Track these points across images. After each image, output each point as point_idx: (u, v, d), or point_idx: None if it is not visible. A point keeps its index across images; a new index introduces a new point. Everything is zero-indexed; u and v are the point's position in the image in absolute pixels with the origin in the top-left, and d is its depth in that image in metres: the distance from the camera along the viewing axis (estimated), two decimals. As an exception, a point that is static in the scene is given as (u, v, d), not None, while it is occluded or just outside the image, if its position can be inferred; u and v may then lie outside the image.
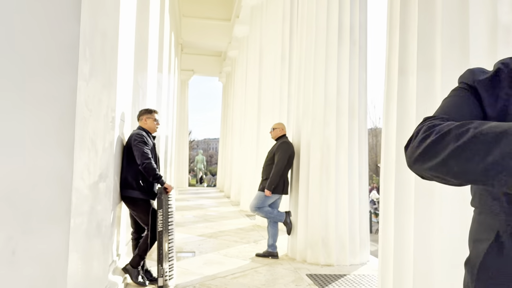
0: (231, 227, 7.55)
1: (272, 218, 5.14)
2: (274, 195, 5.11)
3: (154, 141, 4.02)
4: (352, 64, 5.07)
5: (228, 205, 11.84)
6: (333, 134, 4.93)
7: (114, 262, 3.60)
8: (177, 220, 8.38)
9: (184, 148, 20.74)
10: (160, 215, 3.70)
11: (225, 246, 5.80)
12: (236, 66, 15.59)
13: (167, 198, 3.84)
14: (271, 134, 5.37)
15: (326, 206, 4.88)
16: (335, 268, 4.73)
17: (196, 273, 4.36)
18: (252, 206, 5.15)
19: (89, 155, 2.22)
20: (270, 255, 5.14)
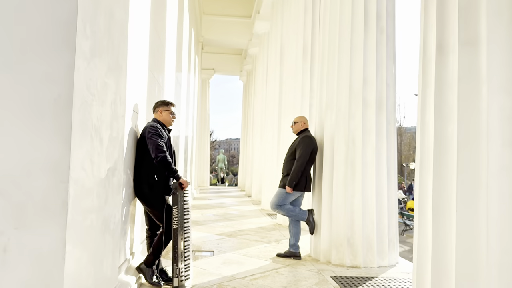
0: (252, 226, 7.32)
1: (294, 216, 4.88)
2: (296, 192, 4.85)
3: (170, 135, 3.83)
4: (380, 54, 4.75)
5: (249, 204, 11.63)
6: (359, 127, 4.63)
7: (127, 261, 3.42)
8: (196, 219, 8.22)
9: (205, 147, 20.67)
10: (175, 211, 3.50)
11: (245, 245, 5.58)
12: (256, 64, 15.37)
13: (183, 194, 3.64)
14: (292, 128, 5.11)
15: (351, 204, 4.59)
16: (362, 270, 4.43)
17: (214, 273, 4.15)
18: (273, 203, 4.90)
19: (92, 144, 2.02)
20: (292, 255, 4.88)
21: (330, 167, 4.76)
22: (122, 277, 3.14)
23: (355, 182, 4.60)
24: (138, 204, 3.79)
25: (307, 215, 4.88)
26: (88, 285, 2.01)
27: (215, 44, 16.71)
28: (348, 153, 4.64)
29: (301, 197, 5.02)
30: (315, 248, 4.92)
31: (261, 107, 12.92)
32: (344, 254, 4.57)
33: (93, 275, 2.10)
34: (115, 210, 2.61)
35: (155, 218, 3.60)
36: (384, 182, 4.67)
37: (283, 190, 4.86)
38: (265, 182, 10.10)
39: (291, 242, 4.94)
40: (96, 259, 2.14)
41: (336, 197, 4.65)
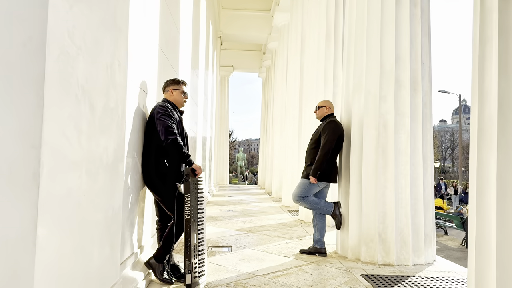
0: (272, 222, 6.92)
1: (318, 209, 4.45)
2: (321, 183, 4.42)
3: (182, 117, 3.47)
4: (413, 29, 4.28)
5: (269, 201, 11.23)
6: (391, 110, 4.17)
7: (134, 255, 3.07)
8: (214, 214, 7.88)
9: (225, 145, 20.39)
10: (187, 200, 3.14)
11: (265, 241, 5.18)
12: (276, 58, 14.96)
13: (196, 181, 3.27)
14: (316, 114, 4.69)
15: (383, 195, 4.13)
16: (396, 268, 3.97)
17: (231, 270, 3.77)
18: (295, 195, 4.49)
19: (78, 108, 1.67)
20: (317, 252, 4.45)
21: (358, 155, 4.32)
22: (128, 272, 2.79)
23: (387, 171, 4.14)
24: (148, 193, 3.45)
25: (333, 208, 4.45)
26: (74, 278, 1.66)
27: (234, 39, 16.38)
28: (379, 139, 4.18)
29: (326, 188, 4.59)
30: (342, 244, 4.48)
31: (281, 101, 12.50)
32: (375, 250, 4.12)
33: (81, 268, 1.75)
34: (115, 194, 2.26)
35: (166, 208, 3.25)
36: (420, 171, 4.20)
37: (306, 180, 4.45)
38: (286, 178, 9.68)
39: (315, 237, 4.52)
40: (85, 249, 1.79)
41: (366, 188, 4.21)
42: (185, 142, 3.42)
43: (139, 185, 3.19)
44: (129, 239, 2.91)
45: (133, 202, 3.03)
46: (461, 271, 4.00)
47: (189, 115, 6.34)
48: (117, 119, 2.21)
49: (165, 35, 4.25)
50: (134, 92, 2.95)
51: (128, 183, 2.85)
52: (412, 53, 4.25)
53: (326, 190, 4.60)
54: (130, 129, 2.87)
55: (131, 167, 2.92)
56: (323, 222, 4.54)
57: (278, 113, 12.96)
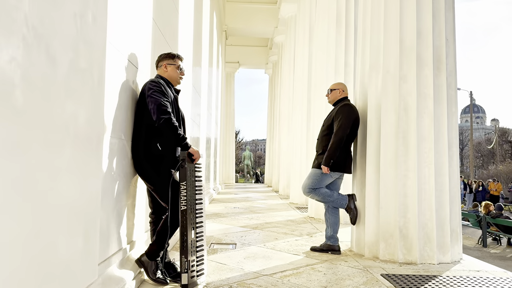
0: (280, 219, 6.51)
1: (331, 202, 4.03)
2: (334, 173, 4.00)
3: (178, 96, 3.08)
4: (436, 2, 3.84)
5: (276, 198, 10.82)
6: (413, 91, 3.74)
7: (123, 252, 2.68)
8: (218, 211, 7.48)
9: (231, 143, 20.01)
10: (183, 189, 2.74)
11: (273, 238, 4.77)
12: (282, 52, 14.54)
13: (194, 168, 2.88)
14: (328, 98, 4.27)
15: (404, 186, 3.71)
16: (419, 267, 3.54)
17: (235, 269, 3.37)
18: (305, 186, 4.07)
19: (28, 54, 1.27)
20: (329, 249, 4.04)
21: (376, 142, 3.89)
22: (113, 271, 2.40)
23: (409, 159, 3.71)
24: (141, 182, 3.06)
25: (347, 201, 4.03)
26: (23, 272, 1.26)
27: (240, 34, 15.99)
28: (399, 124, 3.76)
29: (339, 179, 4.17)
30: (358, 240, 4.06)
31: (288, 96, 12.09)
32: (395, 247, 3.70)
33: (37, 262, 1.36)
34: (91, 176, 1.86)
35: (159, 198, 2.86)
36: (445, 159, 3.76)
37: (318, 170, 4.03)
38: (294, 174, 9.27)
39: (328, 233, 4.10)
40: (40, 238, 1.39)
41: (384, 178, 3.78)
42: (181, 124, 3.03)
43: (128, 172, 2.80)
44: (115, 232, 2.52)
45: (121, 190, 2.64)
46: (493, 270, 3.56)
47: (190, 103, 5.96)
48: (91, 84, 1.82)
49: (161, 9, 3.86)
50: (119, 62, 2.56)
51: (113, 168, 2.46)
52: (436, 28, 3.82)
53: (339, 181, 4.18)
54: (116, 105, 2.48)
55: (117, 150, 2.53)
56: (337, 216, 4.12)
57: (285, 108, 12.54)
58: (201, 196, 2.96)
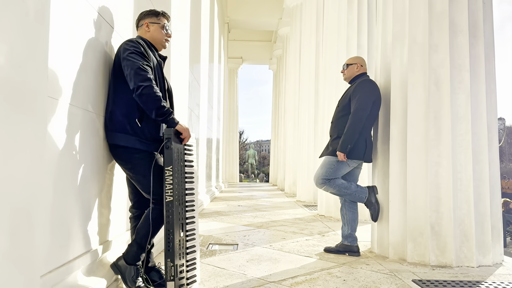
0: (287, 217, 5.93)
1: (348, 196, 3.45)
2: (351, 161, 3.42)
3: (162, 61, 2.51)
4: (470, -41, 3.26)
5: (282, 196, 10.24)
6: (445, 62, 3.16)
7: (92, 254, 2.12)
8: (220, 209, 6.91)
9: (234, 140, 19.45)
10: (168, 175, 2.17)
11: (280, 237, 4.19)
12: (287, 45, 13.94)
13: (183, 149, 2.31)
14: (343, 74, 3.68)
15: (436, 174, 3.12)
16: (456, 271, 2.95)
17: (235, 274, 2.80)
18: (318, 177, 3.49)
19: None
20: (347, 250, 3.46)
21: (401, 124, 3.31)
22: (76, 279, 1.85)
23: (442, 143, 3.13)
24: (119, 169, 2.49)
25: (367, 194, 3.44)
26: None
27: (242, 26, 15.42)
28: (430, 101, 3.17)
29: (357, 169, 3.59)
30: (380, 240, 3.48)
31: (293, 89, 11.50)
32: (426, 247, 3.11)
33: None
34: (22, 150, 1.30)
35: (140, 187, 2.30)
36: (484, 142, 3.18)
37: (332, 158, 3.45)
38: (301, 171, 8.69)
39: (345, 232, 3.52)
40: None
41: (412, 167, 3.20)
42: (168, 98, 2.47)
43: (100, 154, 2.24)
44: (79, 230, 1.96)
45: (89, 176, 2.08)
46: (544, 275, 2.97)
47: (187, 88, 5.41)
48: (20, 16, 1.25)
49: None
50: (87, 13, 2.00)
51: (75, 147, 1.90)
52: (471, -11, 3.24)
53: (357, 171, 3.60)
54: (78, 66, 1.92)
55: (81, 124, 1.97)
56: (355, 212, 3.54)
57: (291, 103, 11.94)
58: (192, 185, 2.40)
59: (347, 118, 3.41)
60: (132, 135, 2.23)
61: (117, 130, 2.24)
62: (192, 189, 2.39)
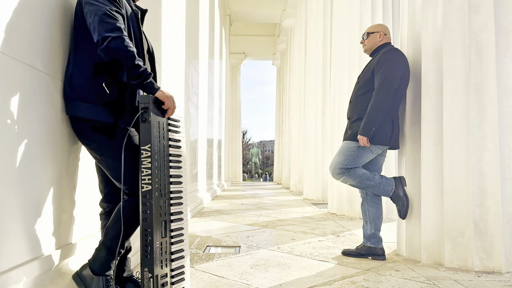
0: (295, 215, 5.38)
1: (371, 188, 2.89)
2: (375, 146, 2.86)
3: (142, 16, 1.97)
4: None
5: (288, 195, 9.69)
6: (489, 25, 2.61)
7: (42, 262, 1.58)
8: (221, 208, 6.38)
9: (237, 139, 18.92)
10: (146, 157, 1.63)
11: (289, 238, 3.64)
12: (292, 38, 13.39)
13: (166, 124, 1.77)
14: (363, 45, 3.11)
15: (479, 161, 2.57)
16: (507, 277, 2.40)
17: (237, 284, 2.25)
18: (335, 166, 2.93)
19: None
20: (370, 253, 2.91)
21: (435, 100, 2.76)
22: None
23: (486, 122, 2.58)
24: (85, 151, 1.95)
25: (393, 187, 2.89)
26: None
27: (245, 19, 14.89)
28: (471, 72, 2.62)
29: (382, 156, 3.03)
30: (410, 240, 2.92)
31: (299, 82, 10.95)
32: (468, 249, 2.56)
33: None
34: None
35: (111, 174, 1.76)
36: (538, 123, 2.62)
37: (352, 143, 2.89)
38: (308, 167, 8.14)
39: (367, 232, 2.96)
40: None
41: (449, 152, 2.65)
42: (148, 60, 1.93)
43: (56, 130, 1.70)
44: (20, 229, 1.42)
45: (38, 158, 1.54)
46: None
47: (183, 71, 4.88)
48: None
49: None
50: None
51: (12, 116, 1.37)
52: None
53: (381, 159, 3.04)
54: (17, 3, 1.39)
55: (22, 85, 1.44)
56: (379, 208, 2.98)
57: (296, 97, 11.38)
58: (179, 171, 1.86)
59: (369, 96, 2.86)
60: (98, 105, 1.69)
61: (78, 99, 1.70)
62: (179, 176, 1.85)
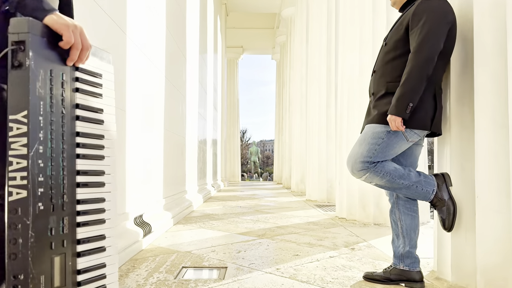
0: (297, 221, 4.58)
1: (405, 189, 2.09)
2: (411, 132, 2.06)
3: None
4: None
5: (289, 195, 8.90)
6: None
7: None
8: (212, 211, 5.58)
9: (235, 136, 18.13)
10: (18, 134, 0.84)
11: (291, 253, 2.84)
12: (292, 28, 12.59)
13: (70, 77, 0.98)
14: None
15: None
16: None
17: None
18: (356, 159, 2.12)
19: None
20: (403, 278, 2.11)
21: (496, 66, 1.96)
22: None
23: None
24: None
25: (434, 187, 2.09)
26: None
27: (242, 9, 14.09)
28: (550, 22, 1.82)
29: (418, 146, 2.24)
30: (457, 260, 2.12)
31: (300, 74, 10.16)
32: (552, 279, 1.76)
33: None
34: None
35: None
36: None
37: (379, 127, 2.09)
38: (311, 164, 7.36)
39: (399, 249, 2.17)
40: None
41: (520, 136, 1.85)
42: None
43: None
44: None
45: None
46: None
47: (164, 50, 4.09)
48: None
49: None
50: None
51: None
52: None
53: (417, 150, 2.24)
54: None
55: None
56: (415, 217, 2.18)
57: (297, 90, 10.58)
58: (100, 164, 1.06)
59: (402, 62, 2.06)
60: None
61: None
62: (100, 174, 1.06)
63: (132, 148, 3.11)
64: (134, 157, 3.17)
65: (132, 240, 2.77)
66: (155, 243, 3.20)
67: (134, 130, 3.17)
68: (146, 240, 3.08)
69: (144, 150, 3.47)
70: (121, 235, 2.65)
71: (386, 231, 3.85)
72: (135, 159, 3.20)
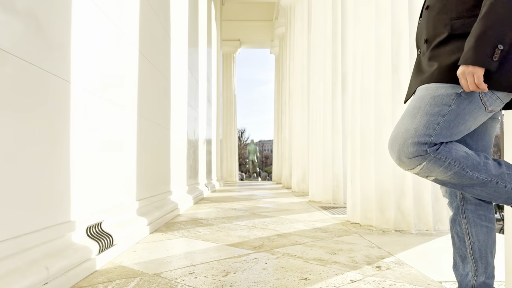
0: (302, 227, 3.81)
1: (479, 187, 1.32)
2: (494, 95, 1.30)
3: None
4: None
5: (290, 196, 8.13)
6: None
7: None
8: (201, 215, 4.79)
9: (232, 134, 17.35)
10: None
11: (297, 276, 2.07)
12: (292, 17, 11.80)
13: None
14: None
15: None
16: None
17: None
18: (406, 137, 1.34)
19: None
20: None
21: None
22: None
23: None
24: None
25: (525, 183, 1.32)
26: None
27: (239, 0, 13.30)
28: None
29: (494, 121, 1.47)
30: None
31: (301, 65, 9.39)
32: None
33: None
34: None
35: None
36: None
37: (443, 88, 1.32)
38: (314, 162, 6.59)
39: (469, 278, 1.40)
40: None
41: None
42: None
43: None
44: None
45: None
46: None
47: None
48: None
49: None
50: None
51: None
52: None
53: (492, 127, 1.48)
54: None
55: None
56: (491, 229, 1.42)
57: (298, 82, 9.80)
58: None
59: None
60: None
61: None
62: None
63: (82, 129, 2.33)
64: (86, 142, 2.39)
65: (78, 259, 2.01)
66: (116, 261, 2.43)
67: (86, 105, 2.40)
68: (103, 257, 2.31)
69: (103, 134, 2.69)
70: (59, 253, 1.88)
71: (411, 239, 3.09)
72: (88, 145, 2.41)
